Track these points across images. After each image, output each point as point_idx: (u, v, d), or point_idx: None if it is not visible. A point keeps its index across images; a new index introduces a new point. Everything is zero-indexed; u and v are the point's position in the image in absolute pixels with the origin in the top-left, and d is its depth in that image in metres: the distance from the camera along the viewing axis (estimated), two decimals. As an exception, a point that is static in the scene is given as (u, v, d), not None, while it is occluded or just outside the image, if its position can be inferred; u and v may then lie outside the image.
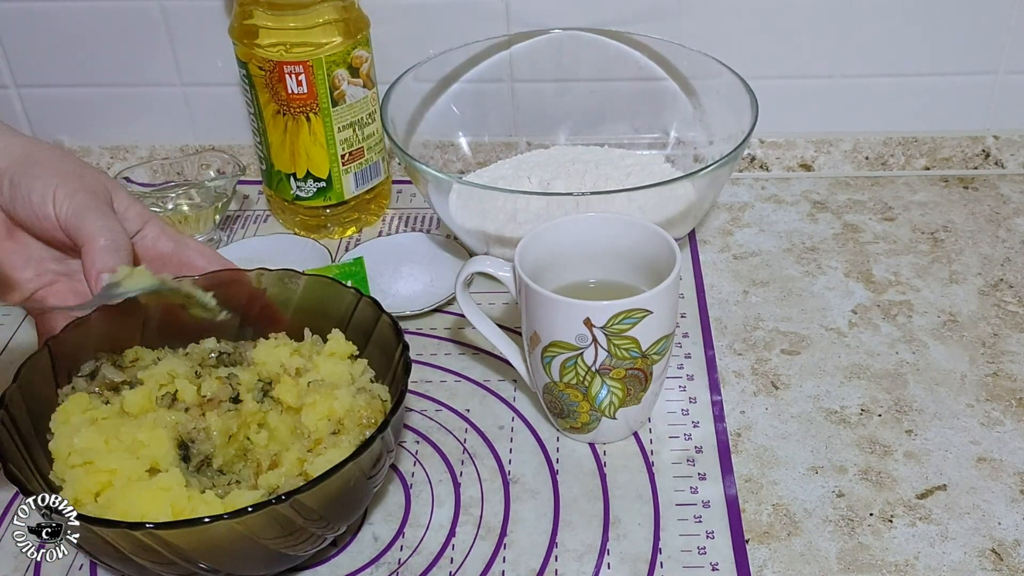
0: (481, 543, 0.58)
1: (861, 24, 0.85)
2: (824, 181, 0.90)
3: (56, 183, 0.58)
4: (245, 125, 0.86)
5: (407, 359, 0.56)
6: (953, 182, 0.89)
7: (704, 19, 0.85)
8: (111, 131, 0.94)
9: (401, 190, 0.90)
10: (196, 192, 0.82)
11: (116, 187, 0.62)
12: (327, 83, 0.76)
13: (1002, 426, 0.64)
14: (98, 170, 0.63)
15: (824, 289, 0.76)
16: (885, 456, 0.62)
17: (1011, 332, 0.71)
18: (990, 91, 0.88)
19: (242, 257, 0.75)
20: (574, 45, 0.87)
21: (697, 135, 0.86)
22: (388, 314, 0.59)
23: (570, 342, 0.58)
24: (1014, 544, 0.57)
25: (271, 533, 0.49)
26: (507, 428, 0.66)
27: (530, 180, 0.80)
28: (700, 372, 0.69)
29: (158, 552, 0.48)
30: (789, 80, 0.88)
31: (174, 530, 0.47)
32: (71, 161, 0.61)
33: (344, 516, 0.54)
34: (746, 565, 0.56)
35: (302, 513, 0.49)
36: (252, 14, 0.75)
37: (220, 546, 0.49)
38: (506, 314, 0.74)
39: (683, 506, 0.60)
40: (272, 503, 0.47)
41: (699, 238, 0.82)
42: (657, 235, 0.62)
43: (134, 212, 0.62)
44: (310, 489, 0.48)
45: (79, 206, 0.58)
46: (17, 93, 0.93)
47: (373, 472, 0.53)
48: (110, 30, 0.88)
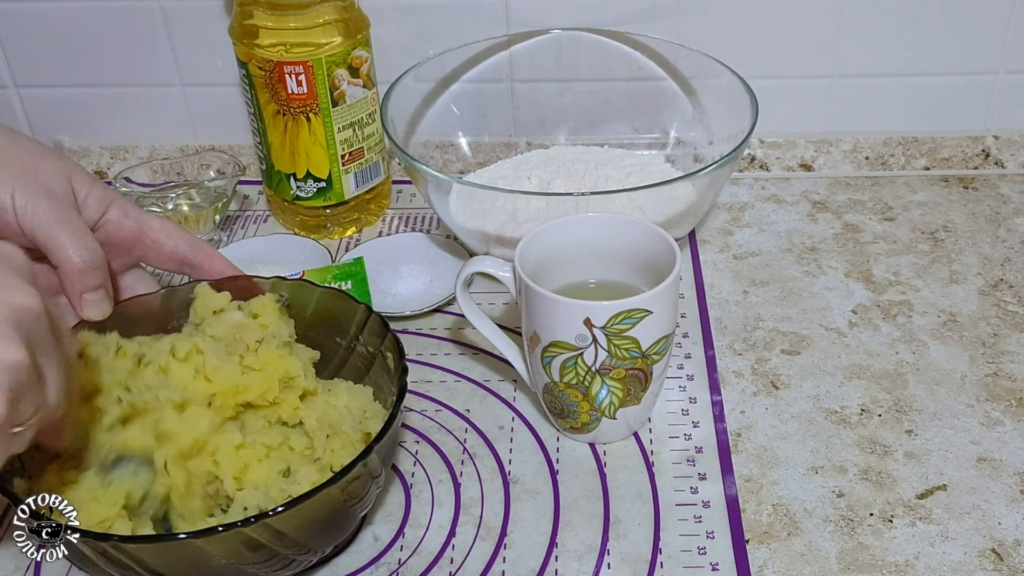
0: (481, 543, 0.58)
1: (861, 24, 0.85)
2: (824, 181, 0.90)
3: (12, 186, 0.55)
4: (245, 125, 0.86)
5: (403, 384, 0.55)
6: (953, 182, 0.89)
7: (704, 19, 0.85)
8: (111, 131, 0.94)
9: (401, 190, 0.90)
10: (196, 192, 0.82)
11: (74, 170, 0.60)
12: (327, 83, 0.76)
13: (1002, 426, 0.64)
14: (52, 153, 0.60)
15: (824, 289, 0.76)
16: (885, 456, 0.62)
17: (1011, 332, 0.71)
18: (990, 91, 0.88)
19: (242, 257, 0.75)
20: (574, 45, 0.87)
21: (697, 135, 0.86)
22: (394, 333, 0.58)
23: (570, 342, 0.58)
24: (1014, 544, 0.57)
25: (246, 556, 0.48)
26: (507, 428, 0.66)
27: (530, 180, 0.80)
28: (700, 372, 0.69)
29: (128, 566, 0.47)
30: (789, 80, 0.88)
31: (142, 544, 0.47)
32: (22, 150, 0.58)
33: (323, 541, 0.53)
34: (746, 565, 0.56)
35: (275, 537, 0.48)
36: (252, 14, 0.75)
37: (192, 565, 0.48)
38: (506, 314, 0.74)
39: (683, 506, 0.60)
40: (238, 525, 0.46)
41: (699, 238, 0.82)
42: (657, 235, 0.62)
43: (94, 198, 0.60)
44: (284, 512, 0.47)
45: (44, 217, 0.56)
46: (17, 93, 0.93)
47: (353, 501, 0.52)
48: (110, 30, 0.88)
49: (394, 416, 0.52)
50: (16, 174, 0.56)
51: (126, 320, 0.60)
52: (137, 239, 0.62)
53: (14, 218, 0.56)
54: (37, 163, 0.58)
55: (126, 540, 0.47)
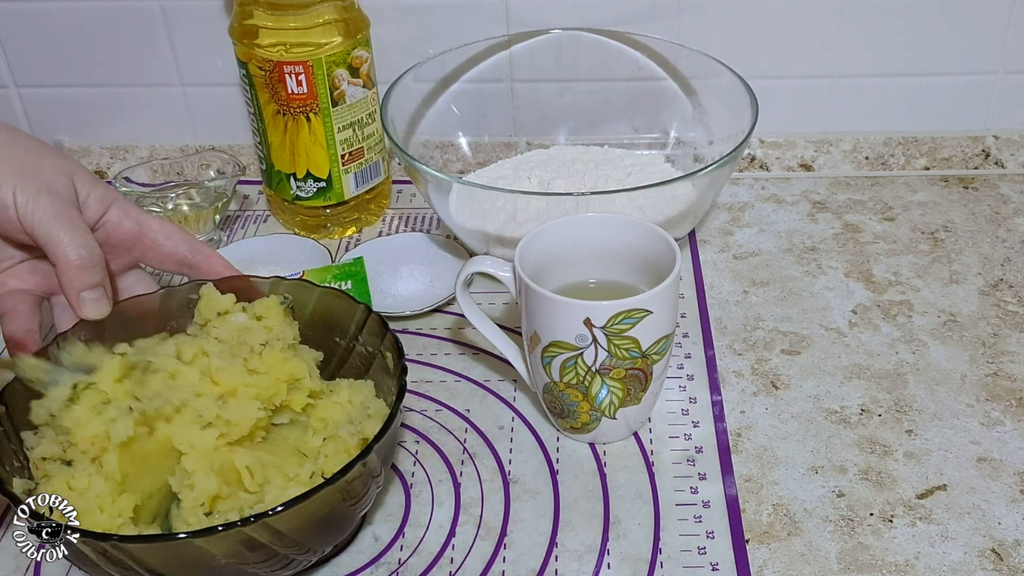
0: (481, 543, 0.58)
1: (861, 24, 0.85)
2: (824, 181, 0.90)
3: (14, 183, 0.56)
4: (245, 125, 0.86)
5: (403, 383, 0.55)
6: (953, 182, 0.89)
7: (704, 19, 0.85)
8: (111, 131, 0.94)
9: (401, 190, 0.90)
10: (196, 192, 0.82)
11: (76, 169, 0.60)
12: (327, 83, 0.76)
13: (1002, 426, 0.64)
14: (55, 152, 0.60)
15: (824, 289, 0.76)
16: (885, 456, 0.62)
17: (1011, 332, 0.71)
18: (990, 91, 0.88)
19: (242, 257, 0.75)
20: (574, 45, 0.87)
21: (697, 135, 0.86)
22: (393, 333, 0.58)
23: (570, 342, 0.58)
24: (1014, 544, 0.57)
25: (246, 556, 0.48)
26: (507, 428, 0.66)
27: (530, 180, 0.80)
28: (700, 372, 0.69)
29: (128, 565, 0.47)
30: (789, 80, 0.88)
31: (142, 544, 0.47)
32: (24, 148, 0.58)
33: (323, 540, 0.53)
34: (746, 565, 0.56)
35: (275, 536, 0.48)
36: (252, 14, 0.75)
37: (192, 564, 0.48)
38: (506, 314, 0.74)
39: (683, 506, 0.60)
40: (238, 525, 0.46)
41: (699, 238, 0.82)
42: (657, 235, 0.62)
43: (95, 197, 0.60)
44: (284, 511, 0.47)
45: (44, 215, 0.56)
46: (17, 93, 0.93)
47: (353, 500, 0.52)
48: (110, 30, 0.88)
49: (394, 415, 0.52)
50: (18, 172, 0.56)
51: (125, 320, 0.60)
52: (137, 239, 0.62)
53: (15, 215, 0.56)
54: (39, 161, 0.58)
55: (126, 540, 0.46)
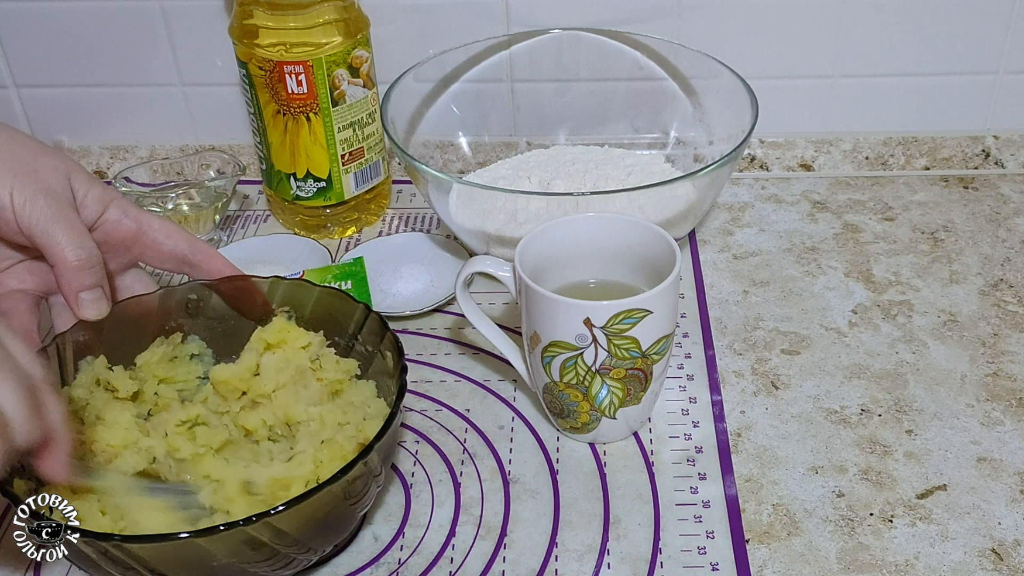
0: (481, 543, 0.58)
1: (861, 24, 0.85)
2: (824, 181, 0.90)
3: (11, 184, 0.55)
4: (245, 125, 0.86)
5: (403, 383, 0.55)
6: (953, 182, 0.89)
7: (704, 19, 0.85)
8: (111, 131, 0.94)
9: (401, 190, 0.90)
10: (196, 192, 0.82)
11: (74, 169, 0.59)
12: (327, 83, 0.76)
13: (1002, 426, 0.64)
14: (52, 152, 0.59)
15: (824, 289, 0.76)
16: (885, 456, 0.62)
17: (1011, 332, 0.71)
18: (990, 91, 0.88)
19: (242, 257, 0.75)
20: (574, 45, 0.87)
21: (697, 135, 0.86)
22: (393, 333, 0.58)
23: (570, 342, 0.58)
24: (1014, 544, 0.57)
25: (247, 555, 0.48)
26: (507, 428, 0.66)
27: (530, 180, 0.80)
28: (700, 372, 0.69)
29: (128, 565, 0.47)
30: (789, 80, 0.88)
31: (143, 544, 0.47)
32: (21, 148, 0.58)
33: (324, 539, 0.53)
34: (746, 565, 0.56)
35: (276, 535, 0.48)
36: (252, 14, 0.75)
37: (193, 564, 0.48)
38: (506, 314, 0.74)
39: (683, 506, 0.60)
40: (239, 524, 0.46)
41: (699, 238, 0.82)
42: (657, 235, 0.62)
43: (93, 197, 0.60)
44: (285, 510, 0.47)
45: (41, 215, 0.56)
46: (17, 93, 0.93)
47: (353, 499, 0.52)
48: (110, 30, 0.88)
49: (394, 415, 0.52)
50: (15, 172, 0.56)
51: (124, 320, 0.60)
52: (136, 238, 0.62)
53: (12, 216, 0.56)
54: (36, 161, 0.58)
55: (127, 540, 0.46)
